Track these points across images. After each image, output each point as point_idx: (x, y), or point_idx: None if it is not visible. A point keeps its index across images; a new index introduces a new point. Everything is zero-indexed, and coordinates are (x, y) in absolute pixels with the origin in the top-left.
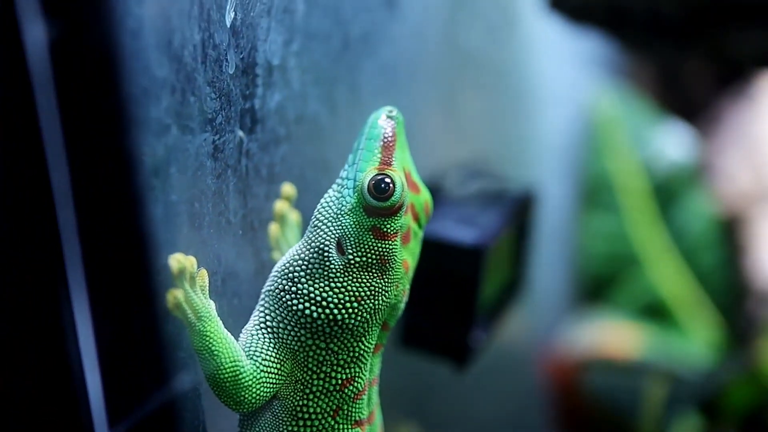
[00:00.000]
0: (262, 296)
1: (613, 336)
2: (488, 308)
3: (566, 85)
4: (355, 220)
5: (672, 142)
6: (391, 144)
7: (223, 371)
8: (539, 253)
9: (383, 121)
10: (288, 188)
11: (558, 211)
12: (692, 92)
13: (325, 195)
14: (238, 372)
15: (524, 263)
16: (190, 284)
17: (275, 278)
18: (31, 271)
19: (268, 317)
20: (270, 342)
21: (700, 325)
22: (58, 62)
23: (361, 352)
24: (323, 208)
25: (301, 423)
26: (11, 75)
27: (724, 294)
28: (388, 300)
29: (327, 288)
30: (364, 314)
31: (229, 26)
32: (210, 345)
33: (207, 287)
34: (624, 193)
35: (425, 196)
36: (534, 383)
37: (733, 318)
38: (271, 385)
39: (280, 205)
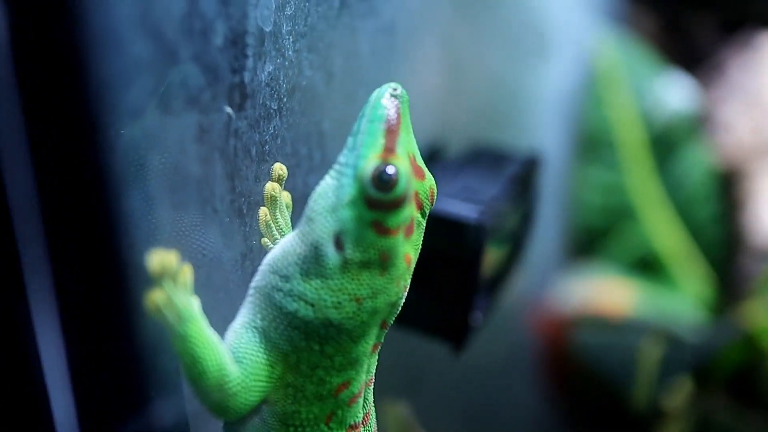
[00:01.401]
0: (251, 291)
1: (605, 292)
2: (488, 284)
3: (569, 33)
4: (354, 213)
5: (673, 92)
6: (395, 128)
7: (207, 378)
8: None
9: (387, 100)
10: (278, 168)
11: (553, 162)
12: (695, 42)
13: (322, 183)
14: (223, 379)
15: (526, 234)
16: (172, 283)
17: (265, 274)
18: None
19: (257, 316)
20: (259, 344)
21: (692, 280)
22: (17, 47)
23: (358, 354)
24: (320, 197)
25: (291, 429)
26: None
27: (718, 249)
28: (389, 299)
29: (323, 287)
30: (363, 315)
31: None
32: (193, 350)
33: (190, 284)
34: (621, 143)
35: (430, 182)
36: (524, 340)
37: (726, 274)
38: (260, 392)
39: (270, 187)
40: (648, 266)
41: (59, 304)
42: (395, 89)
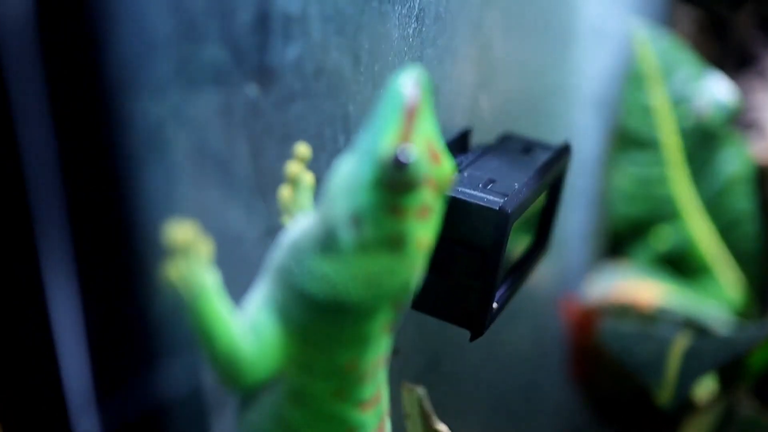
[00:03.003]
0: (268, 269)
1: (635, 290)
2: (509, 273)
3: (607, 28)
4: (369, 194)
5: (713, 92)
6: (414, 112)
7: (219, 354)
8: (565, 202)
9: (407, 85)
10: (302, 148)
11: (587, 158)
12: (738, 42)
13: (339, 165)
14: (234, 355)
15: (552, 225)
16: (190, 256)
17: (282, 252)
18: None
19: (271, 291)
20: (272, 319)
21: (726, 282)
22: (38, 24)
23: (368, 333)
24: (337, 178)
25: (301, 404)
26: None
27: (754, 253)
28: (402, 280)
29: (336, 266)
30: (375, 296)
31: None
32: (206, 325)
33: (209, 258)
34: (658, 141)
35: (447, 166)
36: (552, 331)
37: (762, 277)
38: (270, 369)
39: (292, 167)
40: (681, 267)
41: (77, 269)
42: (416, 74)
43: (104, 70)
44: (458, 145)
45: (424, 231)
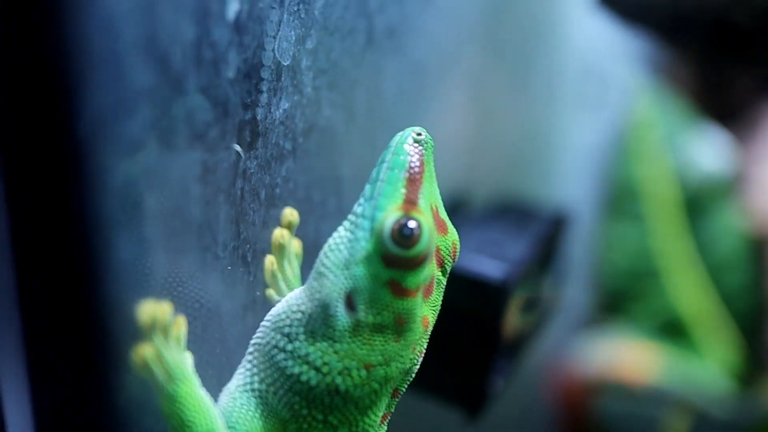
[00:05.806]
0: (251, 349)
1: (629, 356)
2: (510, 348)
3: (604, 84)
4: (369, 270)
5: (708, 150)
6: (417, 176)
7: None
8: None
9: (409, 146)
10: (289, 213)
11: (580, 218)
12: (733, 95)
13: (335, 235)
14: None
15: (553, 298)
16: (163, 338)
17: (267, 330)
18: None
19: (255, 378)
20: (255, 409)
21: (720, 346)
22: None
23: (366, 426)
24: (332, 252)
25: None
26: None
27: (747, 317)
28: (403, 365)
29: (330, 350)
30: (373, 384)
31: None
32: (182, 412)
33: (184, 338)
34: (651, 201)
35: (452, 236)
36: (542, 402)
37: (756, 342)
38: None
39: (278, 233)
40: (675, 330)
41: (31, 360)
42: (419, 134)
43: (74, 124)
44: (455, 212)
45: (428, 309)
